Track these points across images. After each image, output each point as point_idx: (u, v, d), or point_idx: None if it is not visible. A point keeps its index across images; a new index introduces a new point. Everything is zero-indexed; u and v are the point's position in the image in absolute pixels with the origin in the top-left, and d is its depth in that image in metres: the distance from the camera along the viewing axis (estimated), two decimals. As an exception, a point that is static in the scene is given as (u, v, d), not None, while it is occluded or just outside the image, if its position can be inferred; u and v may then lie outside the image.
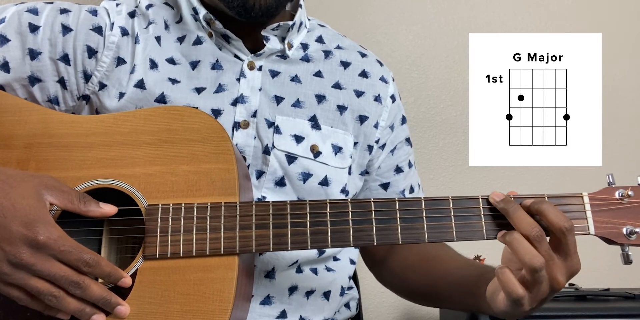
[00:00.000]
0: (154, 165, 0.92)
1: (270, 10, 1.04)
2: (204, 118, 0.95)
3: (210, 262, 0.87)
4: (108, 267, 0.84)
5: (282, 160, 1.07)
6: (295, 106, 1.11)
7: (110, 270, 0.84)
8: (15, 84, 1.03)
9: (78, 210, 0.86)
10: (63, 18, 1.05)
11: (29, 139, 0.95)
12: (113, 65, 1.06)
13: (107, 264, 0.84)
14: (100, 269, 0.83)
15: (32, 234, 0.79)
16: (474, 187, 1.90)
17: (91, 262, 0.82)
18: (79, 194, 0.87)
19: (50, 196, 0.85)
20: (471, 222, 0.90)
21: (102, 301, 0.83)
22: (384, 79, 1.21)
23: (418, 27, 1.97)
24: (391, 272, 1.22)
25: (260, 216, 0.89)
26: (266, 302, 1.05)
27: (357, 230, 0.89)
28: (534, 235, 0.84)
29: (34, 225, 0.80)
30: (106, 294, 0.84)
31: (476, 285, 0.97)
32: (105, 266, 0.84)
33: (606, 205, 0.90)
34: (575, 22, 2.00)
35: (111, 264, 0.85)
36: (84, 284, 0.82)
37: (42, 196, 0.84)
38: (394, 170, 1.22)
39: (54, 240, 0.80)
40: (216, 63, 1.09)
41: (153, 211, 0.89)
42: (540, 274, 0.83)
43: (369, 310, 1.86)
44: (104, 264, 0.83)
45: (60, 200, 0.85)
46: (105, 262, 0.84)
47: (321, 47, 1.18)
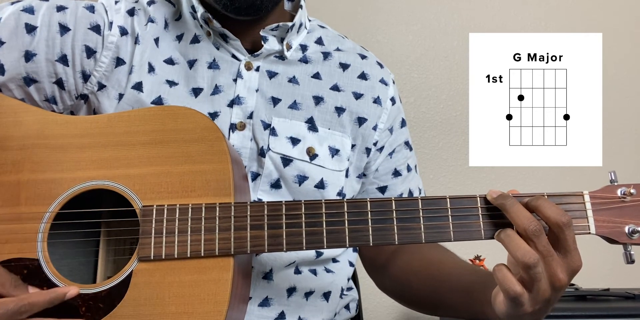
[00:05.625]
0: (149, 165, 0.91)
1: (255, 2, 1.03)
2: (198, 118, 0.94)
3: (205, 263, 0.87)
4: (45, 296, 0.82)
5: (277, 163, 1.06)
6: (292, 108, 1.10)
7: (50, 297, 0.82)
8: (11, 84, 1.03)
9: (6, 294, 0.84)
10: (60, 16, 1.04)
11: (24, 140, 0.94)
12: (112, 66, 1.05)
13: (41, 295, 0.82)
14: (39, 305, 0.81)
15: None
16: (474, 187, 1.89)
17: (25, 309, 0.80)
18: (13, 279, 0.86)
19: None
20: (469, 221, 0.89)
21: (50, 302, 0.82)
22: (384, 81, 1.20)
23: (418, 27, 1.98)
24: (393, 278, 1.19)
25: (255, 217, 0.89)
26: (264, 303, 1.05)
27: (353, 231, 0.88)
28: (532, 229, 0.82)
29: None
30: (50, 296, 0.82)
31: (481, 291, 0.95)
32: (42, 297, 0.82)
33: (607, 204, 0.89)
34: (575, 22, 2.00)
35: (44, 292, 0.83)
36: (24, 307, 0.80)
37: None
38: (391, 173, 1.21)
39: None
40: (213, 62, 1.08)
41: (148, 212, 0.89)
42: (536, 270, 0.81)
43: (369, 310, 1.86)
44: (39, 297, 0.82)
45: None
46: (38, 295, 0.82)
47: (320, 49, 1.17)
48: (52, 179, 0.91)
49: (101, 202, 0.93)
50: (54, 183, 0.91)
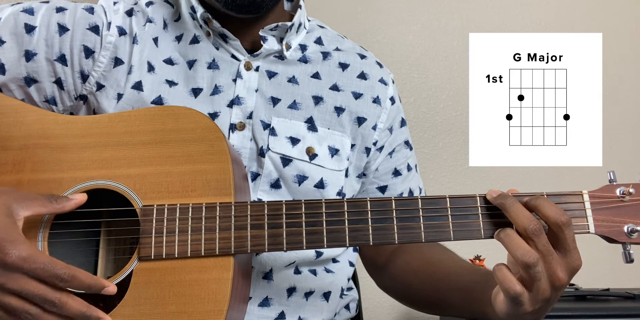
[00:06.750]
0: (149, 165, 0.92)
1: (256, 0, 1.03)
2: (198, 118, 0.94)
3: (206, 263, 0.87)
4: (87, 279, 0.81)
5: (277, 163, 1.06)
6: (292, 108, 1.10)
7: (90, 281, 0.82)
8: (11, 84, 1.03)
9: (53, 210, 0.86)
10: (59, 17, 1.05)
11: (24, 140, 0.95)
12: (110, 66, 1.05)
13: (86, 276, 0.81)
14: (78, 283, 0.81)
15: (0, 255, 0.78)
16: (474, 187, 1.89)
17: (66, 278, 0.79)
18: (47, 196, 0.86)
19: (21, 209, 0.83)
20: (469, 221, 0.89)
21: (81, 317, 0.81)
22: (384, 80, 1.20)
23: (418, 27, 1.98)
24: (393, 278, 1.19)
25: (256, 216, 0.89)
26: (265, 303, 1.05)
27: (353, 230, 0.88)
28: (531, 228, 0.82)
29: (2, 245, 0.79)
30: (85, 310, 0.81)
31: (482, 291, 0.95)
32: (85, 279, 0.81)
33: (607, 203, 0.89)
34: (575, 22, 2.01)
35: (90, 276, 0.82)
36: (59, 302, 0.80)
37: (12, 212, 0.82)
38: (391, 173, 1.21)
39: (23, 258, 0.78)
40: (212, 62, 1.08)
41: (148, 212, 0.89)
42: (535, 270, 0.81)
43: (369, 310, 1.86)
44: (83, 277, 0.81)
45: (33, 208, 0.84)
46: (84, 275, 0.81)
47: (320, 49, 1.17)
48: (52, 178, 0.91)
49: (102, 201, 0.93)
50: (54, 183, 0.91)
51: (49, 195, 0.87)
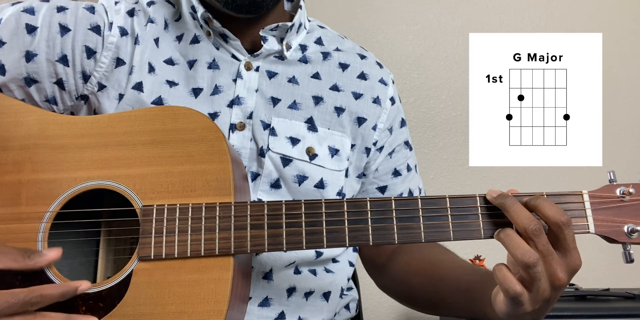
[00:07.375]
0: (149, 165, 0.91)
1: (256, 0, 1.03)
2: (198, 118, 0.94)
3: (206, 263, 0.87)
4: (56, 289, 0.81)
5: (277, 163, 1.06)
6: (292, 108, 1.10)
7: (61, 290, 0.81)
8: (11, 84, 1.03)
9: (25, 266, 0.83)
10: (60, 17, 1.05)
11: (24, 140, 0.94)
12: (112, 66, 1.05)
13: (53, 287, 0.81)
14: (49, 298, 0.80)
15: None
16: (474, 187, 1.90)
17: (35, 300, 0.79)
18: (22, 251, 0.84)
19: None
20: (468, 221, 0.89)
21: None
22: (384, 81, 1.20)
23: (418, 27, 1.98)
24: (393, 278, 1.19)
25: (255, 216, 0.89)
26: (264, 303, 1.05)
27: (352, 230, 0.88)
28: (531, 228, 0.82)
29: None
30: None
31: (482, 291, 0.95)
32: (54, 291, 0.80)
33: (606, 203, 0.89)
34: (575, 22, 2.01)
35: (57, 284, 0.82)
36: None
37: None
38: (391, 173, 1.21)
39: None
40: (213, 62, 1.08)
41: (148, 212, 0.89)
42: (535, 270, 0.81)
43: (369, 310, 1.86)
44: (51, 290, 0.80)
45: (4, 263, 0.82)
46: (50, 288, 0.80)
47: (320, 49, 1.17)
48: (52, 178, 0.91)
49: (102, 201, 0.93)
50: (54, 183, 0.91)
51: (23, 250, 0.84)
